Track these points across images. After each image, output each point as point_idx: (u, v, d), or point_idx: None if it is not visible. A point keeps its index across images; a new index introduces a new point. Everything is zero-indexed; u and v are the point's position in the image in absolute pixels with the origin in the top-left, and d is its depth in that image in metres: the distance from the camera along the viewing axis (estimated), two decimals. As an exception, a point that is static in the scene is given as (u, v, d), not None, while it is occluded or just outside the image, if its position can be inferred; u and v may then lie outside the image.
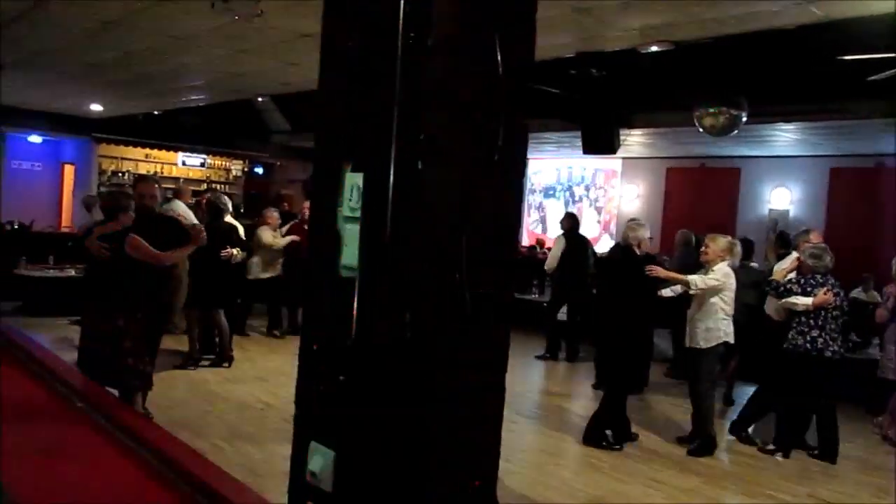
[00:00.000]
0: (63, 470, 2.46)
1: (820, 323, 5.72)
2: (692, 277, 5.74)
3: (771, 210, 12.58)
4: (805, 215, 11.93)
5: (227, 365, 7.63)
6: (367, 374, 1.06)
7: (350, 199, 1.63)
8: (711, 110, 7.95)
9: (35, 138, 15.98)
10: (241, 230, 7.99)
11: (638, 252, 5.91)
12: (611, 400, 5.87)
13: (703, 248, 5.97)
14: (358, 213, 1.60)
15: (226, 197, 8.37)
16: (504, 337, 1.66)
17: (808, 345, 5.72)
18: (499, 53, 1.02)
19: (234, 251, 7.37)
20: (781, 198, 12.51)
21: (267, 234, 9.01)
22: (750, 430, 6.29)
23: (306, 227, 8.86)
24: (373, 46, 1.55)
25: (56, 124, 14.67)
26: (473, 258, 1.28)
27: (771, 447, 5.98)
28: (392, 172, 1.05)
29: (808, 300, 5.70)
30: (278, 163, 18.72)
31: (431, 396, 1.46)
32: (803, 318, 5.77)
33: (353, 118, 1.61)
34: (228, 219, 7.81)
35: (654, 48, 6.20)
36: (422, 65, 1.42)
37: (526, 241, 14.64)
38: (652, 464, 5.53)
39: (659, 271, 5.85)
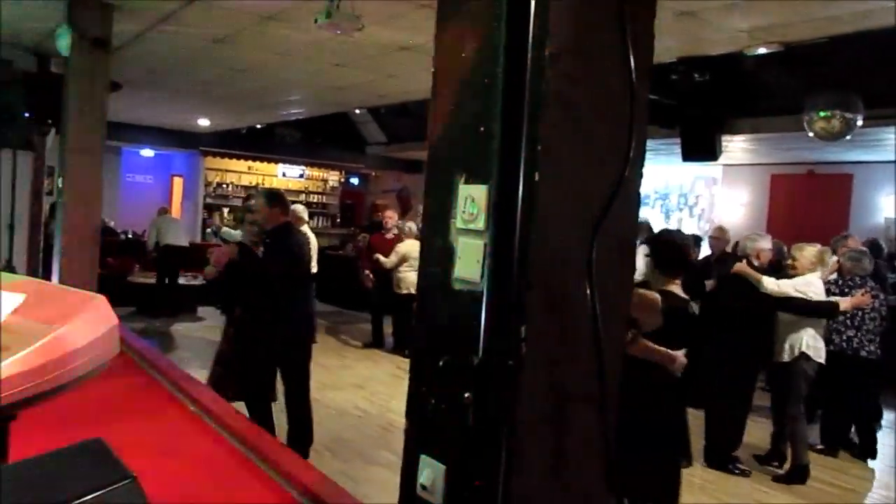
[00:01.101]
0: (177, 468, 2.55)
1: (856, 323, 5.81)
2: (765, 278, 5.51)
3: (886, 218, 11.88)
4: (924, 223, 11.22)
5: None
6: (492, 391, 1.04)
7: (464, 212, 1.62)
8: (823, 114, 7.57)
9: (147, 152, 16.87)
10: (314, 242, 7.32)
11: (756, 264, 5.72)
12: (725, 415, 5.71)
13: (790, 261, 5.79)
14: (472, 226, 1.59)
15: (301, 206, 8.17)
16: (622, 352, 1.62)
17: (843, 344, 5.82)
18: (632, 59, 0.98)
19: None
20: (898, 205, 11.81)
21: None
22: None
23: (387, 236, 8.42)
24: (487, 55, 1.53)
25: (166, 139, 15.45)
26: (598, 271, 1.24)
27: (819, 446, 6.04)
28: (518, 184, 1.03)
29: (847, 300, 5.64)
30: (373, 173, 19.10)
31: (559, 416, 1.43)
32: (840, 318, 5.79)
33: (467, 129, 1.60)
34: (304, 229, 7.25)
35: (762, 50, 5.98)
36: (541, 73, 1.39)
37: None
38: (752, 483, 5.34)
39: (740, 267, 5.67)
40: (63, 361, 1.35)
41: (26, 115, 6.91)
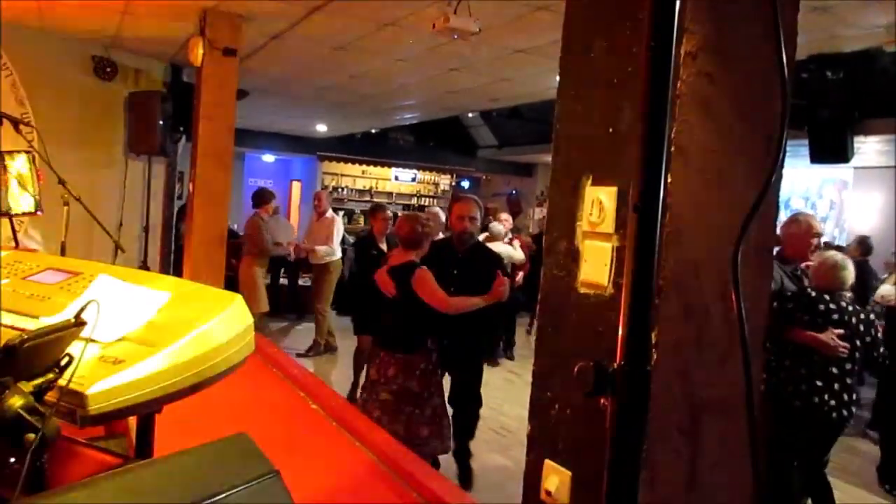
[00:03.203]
0: (302, 465, 2.62)
1: None
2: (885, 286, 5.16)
3: None
4: None
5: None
6: (629, 398, 1.02)
7: (591, 214, 1.59)
8: (969, 113, 7.00)
9: (268, 157, 17.57)
10: None
11: None
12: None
13: None
14: (599, 229, 1.55)
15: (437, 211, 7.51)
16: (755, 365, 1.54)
17: None
18: (784, 55, 0.93)
19: None
20: None
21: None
22: None
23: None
24: (618, 53, 1.50)
25: (286, 144, 16.03)
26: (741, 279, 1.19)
27: None
28: (655, 187, 1.00)
29: None
30: (484, 177, 19.14)
31: (693, 426, 1.38)
32: None
33: (595, 130, 1.57)
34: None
35: (901, 46, 5.59)
36: (675, 71, 1.35)
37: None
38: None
39: None
40: (206, 358, 1.42)
41: (160, 122, 7.34)
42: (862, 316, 3.91)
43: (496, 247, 8.03)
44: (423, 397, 4.03)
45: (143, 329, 1.45)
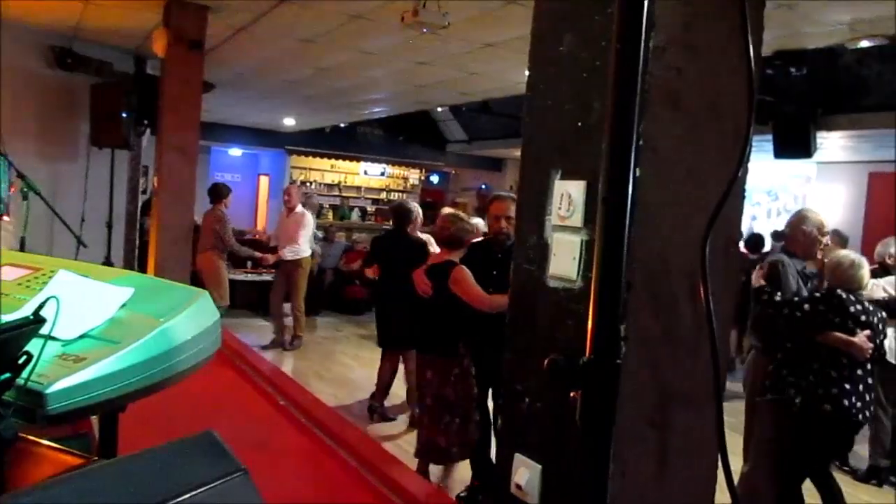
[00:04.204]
0: (272, 463, 2.60)
1: None
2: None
3: None
4: None
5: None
6: (599, 391, 1.02)
7: (560, 208, 1.59)
8: (929, 109, 7.17)
9: (235, 151, 17.38)
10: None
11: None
12: None
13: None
14: (568, 222, 1.55)
15: (413, 203, 6.95)
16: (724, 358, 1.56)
17: None
18: (752, 51, 0.93)
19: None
20: None
21: None
22: None
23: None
24: (587, 47, 1.50)
25: (254, 138, 15.86)
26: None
27: None
28: (622, 180, 1.00)
29: None
30: (454, 171, 19.14)
31: (662, 418, 1.39)
32: None
33: (564, 124, 1.57)
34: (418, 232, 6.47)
35: (864, 43, 5.69)
36: (644, 65, 1.35)
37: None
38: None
39: None
40: (171, 355, 1.39)
41: (124, 115, 7.20)
42: (880, 315, 3.88)
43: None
44: (457, 406, 4.00)
45: (105, 326, 1.41)
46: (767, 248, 8.91)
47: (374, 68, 8.12)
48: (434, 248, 5.38)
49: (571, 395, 1.02)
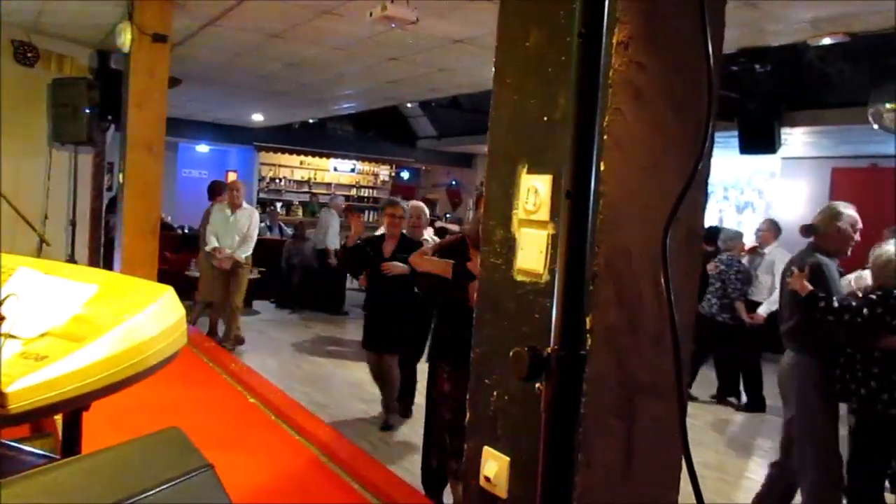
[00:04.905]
0: (239, 460, 2.58)
1: None
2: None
3: (955, 212, 11.42)
4: None
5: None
6: (564, 382, 1.03)
7: (527, 202, 1.60)
8: (890, 106, 7.30)
9: (203, 148, 17.18)
10: None
11: None
12: None
13: None
14: (535, 216, 1.56)
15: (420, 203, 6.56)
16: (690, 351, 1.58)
17: None
18: (710, 46, 0.95)
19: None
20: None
21: None
22: None
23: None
24: (553, 42, 1.51)
25: (222, 134, 15.69)
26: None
27: None
28: (587, 174, 1.01)
29: None
30: (424, 167, 19.13)
31: (628, 408, 1.40)
32: None
33: (530, 119, 1.58)
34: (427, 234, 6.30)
35: (826, 41, 5.79)
36: (607, 60, 1.37)
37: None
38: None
39: None
40: (135, 352, 1.38)
41: (87, 111, 7.07)
42: None
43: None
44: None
45: (67, 323, 1.40)
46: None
47: (343, 64, 8.08)
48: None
49: (537, 386, 1.03)
